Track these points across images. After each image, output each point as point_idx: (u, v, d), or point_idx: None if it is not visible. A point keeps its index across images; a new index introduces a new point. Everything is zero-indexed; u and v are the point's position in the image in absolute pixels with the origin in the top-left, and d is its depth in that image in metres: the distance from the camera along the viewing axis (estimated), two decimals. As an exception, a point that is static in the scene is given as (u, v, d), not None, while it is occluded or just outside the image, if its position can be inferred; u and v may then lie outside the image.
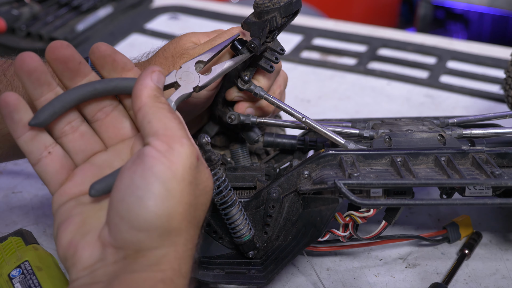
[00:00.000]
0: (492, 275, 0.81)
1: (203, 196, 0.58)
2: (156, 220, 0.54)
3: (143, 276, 0.53)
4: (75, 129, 0.63)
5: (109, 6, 1.52)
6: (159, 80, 0.60)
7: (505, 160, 0.75)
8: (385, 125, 0.80)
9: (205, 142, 0.68)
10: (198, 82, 0.68)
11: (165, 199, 0.54)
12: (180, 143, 0.56)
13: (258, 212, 0.76)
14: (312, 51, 1.41)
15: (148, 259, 0.54)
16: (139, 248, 0.54)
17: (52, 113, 0.60)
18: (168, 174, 0.54)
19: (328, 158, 0.74)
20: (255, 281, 0.73)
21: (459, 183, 0.69)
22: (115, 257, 0.55)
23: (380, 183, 0.68)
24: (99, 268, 0.56)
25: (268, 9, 0.72)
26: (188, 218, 0.56)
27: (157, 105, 0.58)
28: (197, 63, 0.70)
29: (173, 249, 0.55)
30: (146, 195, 0.54)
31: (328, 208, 0.71)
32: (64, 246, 0.58)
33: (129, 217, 0.54)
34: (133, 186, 0.54)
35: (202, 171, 0.58)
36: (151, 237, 0.54)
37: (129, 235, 0.54)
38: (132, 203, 0.54)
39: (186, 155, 0.56)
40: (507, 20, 2.76)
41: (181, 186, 0.55)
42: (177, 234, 0.55)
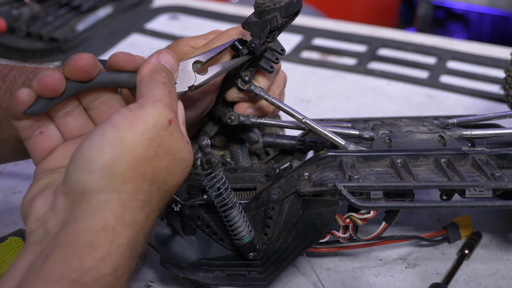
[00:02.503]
0: (492, 275, 0.81)
1: (167, 158, 0.58)
2: (99, 161, 0.55)
3: (85, 224, 0.54)
4: (69, 113, 0.65)
5: (109, 6, 1.52)
6: (167, 60, 0.62)
7: (505, 161, 0.75)
8: (385, 125, 0.80)
9: (205, 145, 0.68)
10: (194, 82, 0.69)
11: (113, 144, 0.55)
12: (152, 104, 0.58)
13: (258, 214, 0.76)
14: (312, 51, 1.41)
15: (91, 205, 0.55)
16: (83, 190, 0.55)
17: (48, 102, 0.61)
18: (125, 124, 0.56)
19: (328, 159, 0.74)
20: (255, 283, 0.73)
21: (460, 185, 0.69)
22: (64, 204, 0.56)
23: (380, 185, 0.68)
24: (49, 218, 0.57)
25: (269, 9, 0.72)
26: (138, 170, 0.56)
27: (152, 76, 0.60)
28: (194, 63, 0.70)
29: (117, 195, 0.55)
30: (97, 138, 0.56)
31: (328, 211, 0.71)
32: (25, 203, 0.60)
33: (77, 159, 0.56)
34: (91, 133, 0.57)
35: (175, 137, 0.59)
36: (93, 178, 0.55)
37: (74, 176, 0.56)
38: (83, 146, 0.56)
39: (153, 114, 0.57)
40: (507, 20, 2.76)
41: (136, 137, 0.56)
42: (121, 181, 0.56)
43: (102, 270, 0.53)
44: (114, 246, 0.54)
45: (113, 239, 0.54)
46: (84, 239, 0.53)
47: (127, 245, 0.55)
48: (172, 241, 0.76)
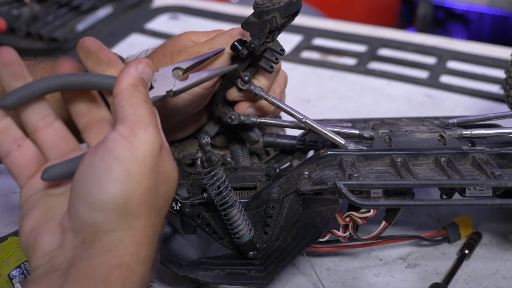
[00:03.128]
0: (492, 275, 0.81)
1: (165, 184, 0.58)
2: (114, 201, 0.54)
3: (99, 262, 0.53)
4: (49, 124, 0.62)
5: (109, 6, 1.52)
6: (144, 71, 0.60)
7: (505, 161, 0.75)
8: (385, 125, 0.80)
9: (205, 143, 0.68)
10: (172, 87, 0.67)
11: (124, 181, 0.54)
12: (144, 129, 0.56)
13: (258, 213, 0.76)
14: (312, 51, 1.41)
15: (104, 244, 0.54)
16: (96, 230, 0.54)
17: (20, 97, 0.60)
18: (128, 157, 0.54)
19: (328, 158, 0.74)
20: (255, 281, 0.73)
21: (459, 183, 0.68)
22: (74, 241, 0.55)
23: (380, 183, 0.68)
24: (58, 255, 0.55)
25: (268, 9, 0.72)
26: (147, 203, 0.56)
27: (133, 93, 0.58)
28: (175, 69, 0.69)
29: (131, 233, 0.54)
30: (104, 176, 0.54)
31: (328, 209, 0.71)
32: (26, 234, 0.58)
33: (87, 198, 0.54)
34: (93, 168, 0.54)
35: (166, 160, 0.58)
36: (108, 219, 0.54)
37: (86, 217, 0.54)
38: (91, 184, 0.54)
39: (148, 142, 0.56)
40: (507, 20, 2.76)
41: (141, 170, 0.55)
42: (135, 217, 0.55)
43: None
44: (128, 284, 0.54)
45: (128, 277, 0.54)
46: (98, 275, 0.52)
47: (140, 282, 0.55)
48: (172, 239, 0.76)
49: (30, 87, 0.60)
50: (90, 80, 0.62)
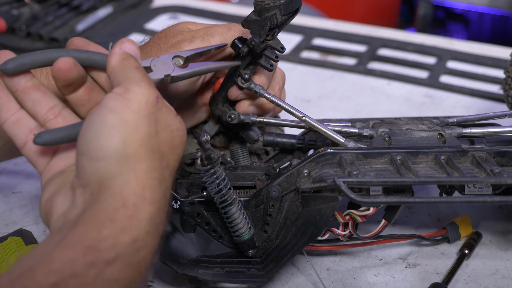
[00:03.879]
0: (492, 275, 0.81)
1: (165, 132, 0.60)
2: (111, 147, 0.56)
3: (106, 205, 0.55)
4: (57, 114, 0.66)
5: (109, 6, 1.52)
6: (129, 48, 0.63)
7: (504, 159, 0.75)
8: (385, 124, 0.80)
9: (205, 141, 0.68)
10: (171, 72, 0.69)
11: (118, 127, 0.56)
12: (137, 85, 0.59)
13: (258, 211, 0.76)
14: (312, 51, 1.41)
15: (110, 189, 0.56)
16: (101, 178, 0.56)
17: (21, 63, 0.62)
18: (122, 107, 0.57)
19: (327, 156, 0.74)
20: (255, 279, 0.73)
21: (459, 181, 0.68)
22: (83, 197, 0.57)
23: (379, 181, 0.68)
24: (70, 212, 0.58)
25: (269, 6, 0.72)
26: (147, 147, 0.57)
27: (123, 63, 0.61)
28: (175, 57, 0.71)
29: (134, 175, 0.56)
30: (100, 126, 0.57)
31: (327, 207, 0.71)
32: (44, 204, 0.61)
33: (88, 150, 0.57)
34: (91, 123, 0.57)
35: (165, 111, 0.60)
36: (109, 165, 0.56)
37: (89, 167, 0.57)
38: (89, 137, 0.57)
39: (142, 93, 0.58)
40: (507, 20, 2.76)
41: (136, 117, 0.57)
42: (136, 160, 0.56)
43: (120, 239, 0.54)
44: (135, 220, 0.55)
45: (134, 214, 0.55)
46: (104, 215, 0.54)
47: (148, 220, 0.56)
48: (172, 238, 0.76)
49: (32, 56, 0.63)
50: (90, 56, 0.64)
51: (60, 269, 0.51)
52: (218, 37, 0.79)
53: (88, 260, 0.52)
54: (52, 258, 0.52)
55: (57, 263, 0.52)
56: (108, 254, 0.53)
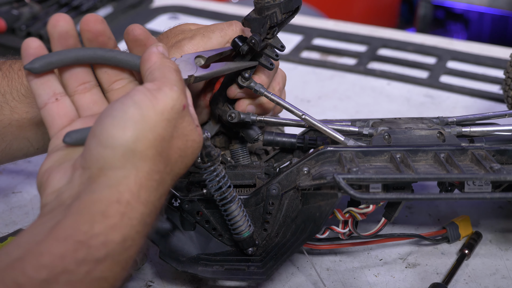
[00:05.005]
0: (492, 275, 0.81)
1: (180, 140, 0.60)
2: (123, 138, 0.56)
3: (100, 196, 0.55)
4: (88, 90, 0.67)
5: (109, 6, 1.52)
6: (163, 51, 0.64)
7: (504, 157, 0.75)
8: (385, 123, 0.81)
9: (205, 138, 0.68)
10: (194, 72, 0.70)
11: (136, 122, 0.56)
12: (170, 87, 0.59)
13: (258, 209, 0.76)
14: (312, 51, 1.41)
15: (108, 179, 0.56)
16: (102, 166, 0.56)
17: (48, 62, 0.63)
18: (147, 104, 0.57)
19: (327, 154, 0.74)
20: (254, 277, 0.73)
21: (458, 177, 0.68)
22: (82, 178, 0.57)
23: (379, 177, 0.68)
24: (65, 191, 0.58)
25: (269, 4, 0.72)
26: (157, 149, 0.58)
27: (164, 62, 0.62)
28: (197, 57, 0.72)
29: (135, 173, 0.56)
30: (119, 115, 0.57)
31: (327, 203, 0.71)
32: (41, 173, 0.61)
33: (100, 134, 0.57)
34: (112, 109, 0.58)
35: (187, 120, 0.61)
36: (114, 155, 0.56)
37: (95, 151, 0.57)
38: (106, 123, 0.57)
39: (171, 97, 0.59)
40: (507, 20, 2.76)
41: (157, 118, 0.58)
42: (141, 159, 0.57)
43: (110, 237, 0.54)
44: (126, 218, 0.55)
45: (126, 212, 0.55)
46: (97, 208, 0.54)
47: (139, 220, 0.56)
48: (172, 236, 0.76)
49: (59, 54, 0.64)
50: (116, 56, 0.66)
51: (51, 264, 0.52)
52: (219, 33, 0.79)
53: (79, 257, 0.52)
54: (42, 251, 0.52)
55: (48, 257, 0.52)
56: (98, 252, 0.53)
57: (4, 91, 0.76)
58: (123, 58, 0.66)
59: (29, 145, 0.79)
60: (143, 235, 0.58)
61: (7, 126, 0.77)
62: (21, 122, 0.77)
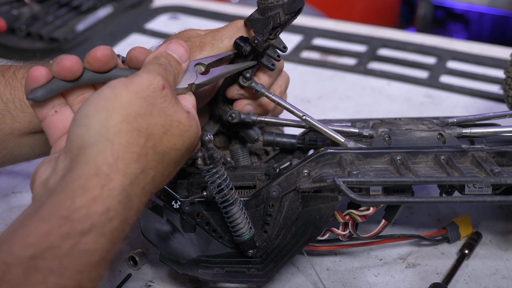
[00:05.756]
0: (492, 275, 0.81)
1: (161, 117, 0.61)
2: (95, 115, 0.59)
3: (80, 172, 0.57)
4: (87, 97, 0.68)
5: (109, 6, 1.52)
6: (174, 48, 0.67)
7: (504, 159, 0.75)
8: (385, 124, 0.80)
9: (208, 140, 0.68)
10: (194, 80, 0.70)
11: (108, 99, 0.59)
12: (146, 72, 0.62)
13: (258, 211, 0.76)
14: (312, 51, 1.41)
15: (86, 156, 0.58)
16: (80, 145, 0.59)
17: (49, 90, 0.65)
18: (120, 85, 0.60)
19: (327, 156, 0.74)
20: (254, 279, 0.73)
21: (459, 180, 0.68)
22: (64, 162, 0.60)
23: (379, 181, 0.68)
24: (51, 178, 0.60)
25: (272, 5, 0.73)
26: (132, 124, 0.59)
27: (152, 61, 0.65)
28: (197, 64, 0.72)
29: (111, 146, 0.58)
30: (94, 97, 0.60)
31: (327, 206, 0.71)
32: (33, 173, 0.63)
33: (76, 117, 0.60)
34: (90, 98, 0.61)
35: (169, 101, 0.63)
36: (89, 131, 0.59)
37: (73, 133, 0.60)
38: (82, 106, 0.60)
39: (147, 77, 0.62)
40: (507, 20, 2.76)
41: (131, 96, 0.60)
42: (115, 133, 0.59)
43: (93, 208, 0.55)
44: (106, 189, 0.57)
45: (105, 184, 0.57)
46: (77, 184, 0.56)
47: (120, 190, 0.57)
48: (172, 238, 0.76)
49: (59, 81, 0.65)
50: (115, 73, 0.67)
51: (36, 242, 0.53)
52: (228, 41, 0.78)
53: (63, 232, 0.54)
54: (28, 231, 0.53)
55: (34, 236, 0.53)
56: (82, 225, 0.54)
57: (7, 100, 0.76)
58: (122, 74, 0.67)
59: (31, 151, 0.80)
60: (128, 207, 0.58)
61: (8, 135, 0.77)
62: (23, 131, 0.77)
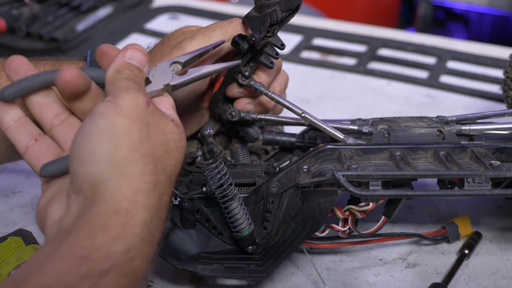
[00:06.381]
0: (492, 275, 0.81)
1: (158, 135, 0.59)
2: (102, 149, 0.56)
3: (98, 211, 0.54)
4: (63, 120, 0.65)
5: (109, 6, 1.52)
6: (132, 56, 0.63)
7: (504, 155, 0.75)
8: (384, 121, 0.81)
9: (207, 134, 0.68)
10: (170, 81, 0.67)
11: (109, 130, 0.56)
12: (125, 91, 0.59)
13: (258, 208, 0.76)
14: (312, 51, 1.41)
15: (102, 195, 0.55)
16: (92, 183, 0.55)
17: (18, 89, 0.62)
18: (113, 111, 0.57)
19: (327, 152, 0.74)
20: (254, 275, 0.73)
21: (458, 174, 0.68)
22: (78, 202, 0.57)
23: (379, 174, 0.68)
24: (64, 218, 0.57)
25: (269, 2, 0.73)
26: (139, 151, 0.57)
27: (116, 76, 0.61)
28: (173, 63, 0.69)
29: (126, 180, 0.55)
30: (91, 130, 0.57)
31: (327, 201, 0.71)
32: (39, 209, 0.61)
33: (78, 154, 0.57)
34: (82, 127, 0.58)
35: (157, 115, 0.60)
36: (100, 168, 0.55)
37: (80, 172, 0.56)
38: (80, 140, 0.57)
39: (131, 98, 0.58)
40: (507, 20, 2.76)
41: (127, 121, 0.57)
42: (127, 164, 0.56)
43: (114, 248, 0.53)
44: (128, 227, 0.54)
45: (127, 221, 0.54)
46: (97, 223, 0.53)
47: (142, 226, 0.55)
48: (171, 234, 0.76)
49: (28, 80, 0.62)
50: (87, 73, 0.63)
51: (53, 282, 0.50)
52: (219, 31, 0.78)
53: (81, 272, 0.51)
54: (45, 271, 0.51)
55: (50, 276, 0.51)
56: (102, 265, 0.52)
57: None
58: (93, 74, 0.64)
59: None
60: (150, 242, 0.56)
61: None
62: None
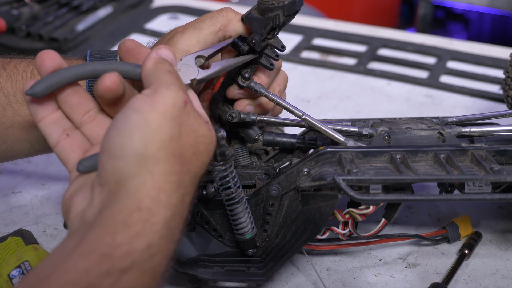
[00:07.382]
0: (492, 275, 0.81)
1: (190, 136, 0.59)
2: (131, 145, 0.56)
3: (120, 207, 0.55)
4: (93, 118, 0.66)
5: (109, 6, 1.52)
6: (165, 54, 0.64)
7: (504, 158, 0.75)
8: (385, 123, 0.81)
9: (221, 137, 0.67)
10: (196, 76, 0.69)
11: (141, 127, 0.56)
12: (166, 87, 0.59)
13: (258, 210, 0.76)
14: (312, 51, 1.41)
15: (126, 190, 0.55)
16: (118, 178, 0.56)
17: (49, 85, 0.62)
18: (147, 107, 0.57)
19: (327, 155, 0.74)
20: (254, 278, 0.73)
21: (458, 178, 0.68)
22: (101, 195, 0.57)
23: (379, 178, 0.68)
24: (87, 210, 0.57)
25: (273, 7, 0.73)
26: (168, 150, 0.57)
27: (157, 66, 0.62)
28: (197, 57, 0.71)
29: (151, 177, 0.56)
30: (123, 125, 0.57)
31: (327, 205, 0.71)
32: (65, 201, 0.61)
33: (109, 147, 0.57)
34: (115, 122, 0.58)
35: (192, 116, 0.60)
36: (127, 164, 0.56)
37: (108, 165, 0.57)
38: (112, 135, 0.57)
39: (170, 95, 0.58)
40: (507, 20, 2.76)
41: (160, 119, 0.57)
42: (154, 162, 0.56)
43: (134, 245, 0.53)
44: (149, 224, 0.54)
45: (148, 218, 0.55)
46: (118, 219, 0.54)
47: (163, 224, 0.55)
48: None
49: (58, 75, 0.63)
50: (117, 68, 0.64)
51: (76, 280, 0.51)
52: (209, 21, 0.78)
53: (103, 269, 0.52)
54: (68, 267, 0.51)
55: (72, 273, 0.51)
56: (123, 262, 0.52)
57: (8, 93, 0.76)
58: (123, 68, 0.64)
59: (30, 147, 0.79)
60: (170, 240, 0.56)
61: (9, 128, 0.77)
62: (24, 124, 0.76)
